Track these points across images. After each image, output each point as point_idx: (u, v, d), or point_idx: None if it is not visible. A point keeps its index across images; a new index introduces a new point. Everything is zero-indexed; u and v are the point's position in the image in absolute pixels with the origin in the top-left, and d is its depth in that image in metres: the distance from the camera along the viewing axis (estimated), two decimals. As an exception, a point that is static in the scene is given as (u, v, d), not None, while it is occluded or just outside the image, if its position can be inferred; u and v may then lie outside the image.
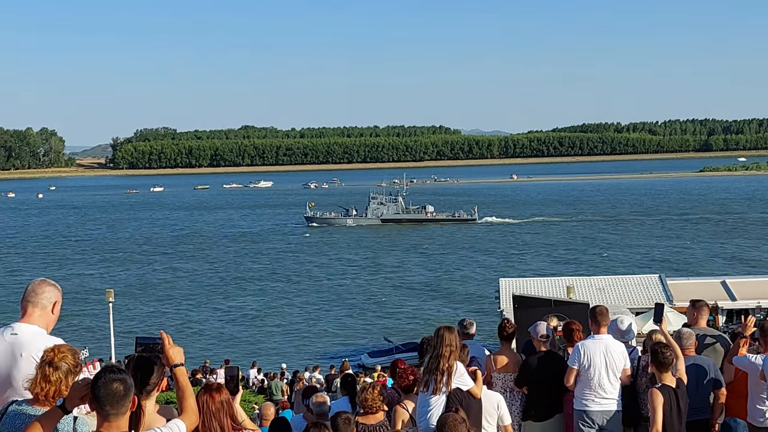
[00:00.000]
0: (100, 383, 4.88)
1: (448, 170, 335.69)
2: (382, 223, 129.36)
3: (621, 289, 44.94)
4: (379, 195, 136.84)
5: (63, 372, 5.25)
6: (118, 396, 4.87)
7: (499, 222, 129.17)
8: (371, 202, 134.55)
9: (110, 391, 4.86)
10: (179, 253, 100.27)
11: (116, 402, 4.88)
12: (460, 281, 76.07)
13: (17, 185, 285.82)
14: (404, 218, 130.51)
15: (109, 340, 41.23)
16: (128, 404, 4.94)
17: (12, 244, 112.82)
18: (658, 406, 8.92)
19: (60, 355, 5.31)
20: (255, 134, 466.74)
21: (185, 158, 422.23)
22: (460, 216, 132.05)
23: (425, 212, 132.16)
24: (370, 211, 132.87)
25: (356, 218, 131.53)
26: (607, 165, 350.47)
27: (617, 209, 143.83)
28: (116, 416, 4.90)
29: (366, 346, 52.39)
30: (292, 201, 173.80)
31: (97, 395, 4.88)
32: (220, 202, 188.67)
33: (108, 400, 4.86)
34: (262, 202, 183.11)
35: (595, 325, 10.17)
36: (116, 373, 4.95)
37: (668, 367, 9.14)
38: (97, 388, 4.88)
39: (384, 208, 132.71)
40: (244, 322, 61.68)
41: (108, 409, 4.88)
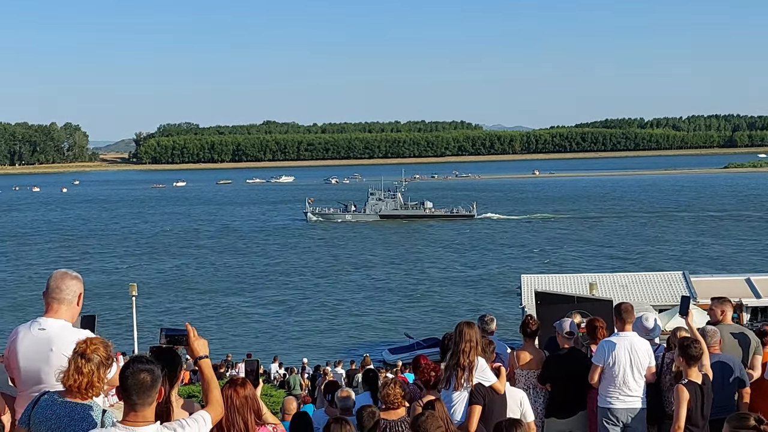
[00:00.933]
0: (128, 373, 4.94)
1: (469, 166, 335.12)
2: (381, 218, 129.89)
3: (644, 286, 44.65)
4: (378, 191, 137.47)
5: (95, 364, 5.28)
6: (146, 386, 4.92)
7: (497, 218, 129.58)
8: (370, 198, 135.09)
9: (138, 381, 4.91)
10: (201, 248, 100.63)
11: (143, 392, 4.92)
12: (480, 277, 75.91)
13: (42, 180, 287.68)
14: (402, 214, 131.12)
15: (132, 333, 41.46)
16: (155, 395, 4.99)
17: (37, 238, 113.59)
18: (683, 402, 8.83)
19: (92, 347, 5.34)
20: (277, 129, 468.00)
21: (207, 153, 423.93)
22: (458, 212, 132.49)
23: (424, 208, 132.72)
24: (369, 207, 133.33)
25: (355, 214, 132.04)
26: (630, 161, 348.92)
27: (639, 205, 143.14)
28: (143, 406, 4.95)
29: (386, 341, 52.38)
30: (313, 197, 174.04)
31: (125, 385, 4.94)
32: (242, 197, 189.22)
33: (135, 390, 4.91)
34: (283, 198, 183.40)
35: (620, 322, 10.10)
36: (144, 363, 5.00)
37: (697, 360, 9.04)
38: (125, 378, 4.94)
39: (382, 204, 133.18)
40: (266, 316, 61.82)
41: (135, 398, 4.93)
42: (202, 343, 5.81)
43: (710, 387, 9.16)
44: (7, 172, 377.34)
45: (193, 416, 5.34)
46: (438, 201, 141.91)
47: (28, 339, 6.01)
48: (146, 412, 4.97)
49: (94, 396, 5.40)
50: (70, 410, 5.34)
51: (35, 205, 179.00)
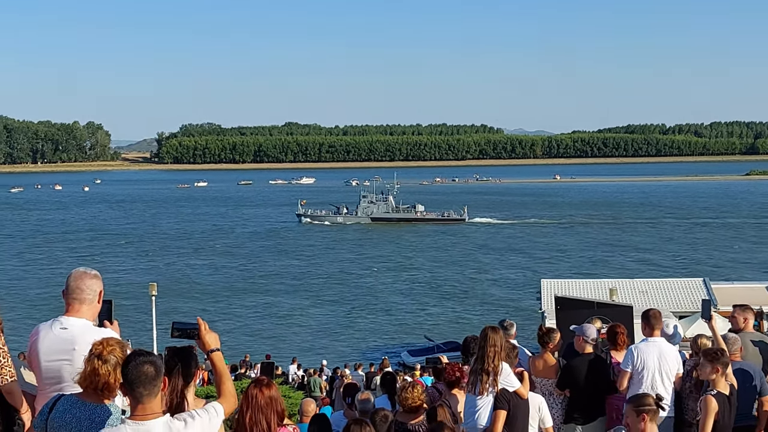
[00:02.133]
0: (132, 366, 4.96)
1: (490, 169, 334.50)
2: (372, 221, 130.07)
3: (665, 293, 44.37)
4: (370, 193, 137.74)
5: (112, 365, 5.29)
6: (150, 377, 4.94)
7: (488, 222, 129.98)
8: (362, 201, 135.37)
9: (141, 372, 4.93)
10: (222, 248, 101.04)
11: (148, 383, 4.94)
12: (497, 281, 75.84)
13: (64, 178, 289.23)
14: (394, 217, 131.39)
15: (151, 333, 41.56)
16: (159, 386, 5.01)
17: (59, 236, 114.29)
18: (711, 413, 8.63)
19: (109, 348, 5.35)
20: (298, 131, 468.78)
21: (229, 154, 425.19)
22: (449, 216, 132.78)
23: (415, 211, 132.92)
24: (361, 210, 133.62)
25: (346, 216, 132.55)
26: (651, 167, 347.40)
27: (660, 212, 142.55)
28: (149, 397, 4.97)
29: (406, 344, 52.35)
30: (334, 198, 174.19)
31: (128, 378, 4.97)
32: (262, 198, 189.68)
33: (140, 382, 4.94)
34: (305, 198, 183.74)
35: (648, 328, 10.05)
36: (146, 355, 5.03)
37: (728, 365, 8.93)
38: (129, 371, 4.96)
39: (374, 206, 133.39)
40: (285, 317, 61.93)
41: (141, 390, 4.95)
42: (213, 336, 5.82)
43: (736, 398, 9.07)
44: (29, 170, 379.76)
45: (205, 407, 5.35)
46: (430, 204, 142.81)
47: (49, 338, 6.03)
48: (153, 404, 4.99)
49: (111, 397, 5.42)
50: (90, 412, 5.34)
51: (57, 204, 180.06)
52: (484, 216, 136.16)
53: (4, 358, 6.16)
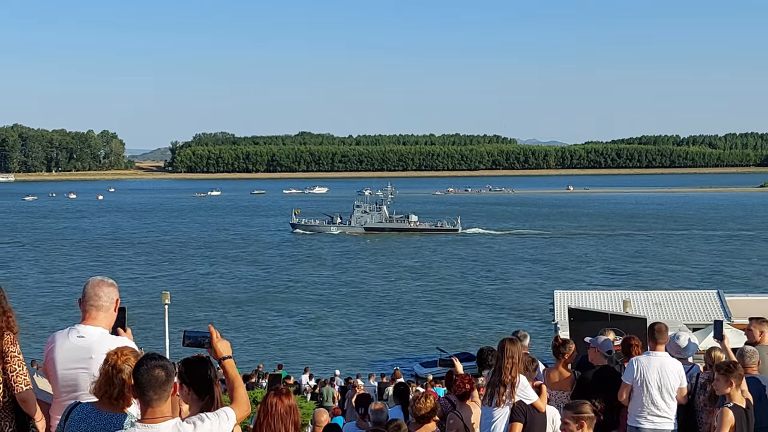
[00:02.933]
0: (143, 370, 4.97)
1: (503, 180, 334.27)
2: (366, 231, 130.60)
3: (678, 305, 44.27)
4: (364, 203, 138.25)
5: (126, 374, 5.30)
6: (160, 381, 4.95)
7: (481, 233, 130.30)
8: (355, 211, 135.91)
9: (152, 376, 4.94)
10: (235, 257, 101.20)
11: (158, 387, 4.95)
12: (508, 292, 75.68)
13: (78, 187, 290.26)
14: (387, 227, 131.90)
15: (164, 342, 41.61)
16: (170, 390, 5.02)
17: (72, 244, 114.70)
18: (727, 425, 8.65)
19: (123, 357, 5.37)
20: (311, 140, 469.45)
21: (242, 163, 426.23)
22: (442, 226, 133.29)
23: (408, 221, 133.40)
24: (354, 219, 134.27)
25: (340, 226, 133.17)
26: (665, 178, 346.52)
27: (674, 223, 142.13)
28: (159, 401, 4.97)
29: (417, 354, 52.28)
30: (347, 209, 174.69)
31: (139, 382, 4.97)
32: (275, 207, 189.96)
33: (151, 386, 4.95)
34: (317, 208, 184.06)
35: (652, 341, 10.03)
36: (157, 359, 5.04)
37: (742, 378, 8.91)
38: (140, 375, 4.97)
39: (368, 216, 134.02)
40: (297, 327, 61.97)
41: (150, 394, 4.95)
42: (225, 344, 5.83)
43: (753, 411, 9.04)
44: (43, 178, 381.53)
45: (216, 411, 5.36)
46: (423, 214, 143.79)
47: (66, 346, 6.04)
48: (163, 408, 5.00)
49: (126, 406, 5.43)
50: (105, 422, 5.35)
51: (71, 212, 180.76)
52: (477, 227, 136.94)
53: (20, 366, 6.19)
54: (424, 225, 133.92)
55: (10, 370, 6.15)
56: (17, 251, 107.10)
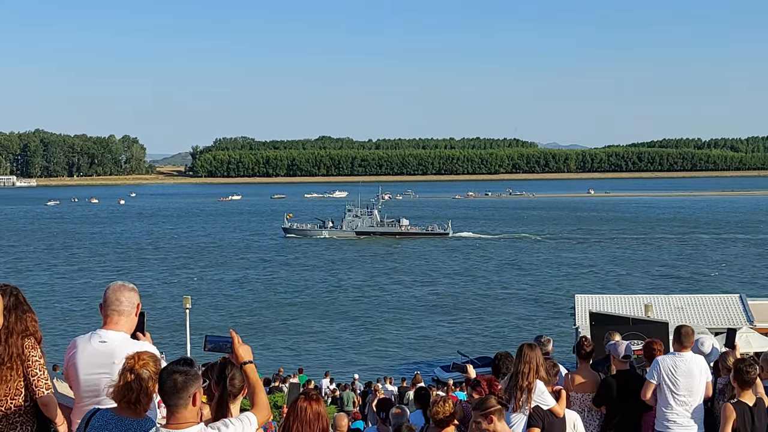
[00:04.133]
0: (164, 375, 5.04)
1: (523, 184, 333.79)
2: (357, 235, 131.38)
3: (700, 309, 43.95)
4: (355, 208, 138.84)
5: (144, 379, 5.32)
6: (177, 387, 4.98)
7: (472, 236, 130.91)
8: (347, 215, 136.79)
9: (171, 381, 4.98)
10: (254, 261, 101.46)
11: (175, 393, 4.98)
12: (528, 295, 75.45)
13: (99, 192, 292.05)
14: (378, 231, 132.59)
15: (185, 347, 41.71)
16: (188, 397, 5.03)
17: (94, 249, 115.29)
18: (728, 421, 8.71)
19: (141, 362, 5.38)
20: (331, 145, 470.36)
21: (262, 168, 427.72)
22: (433, 230, 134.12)
23: (399, 225, 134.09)
24: (346, 224, 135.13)
25: (331, 230, 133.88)
26: (687, 181, 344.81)
27: (695, 227, 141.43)
28: (177, 407, 5.01)
29: (438, 359, 52.15)
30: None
31: (161, 388, 5.04)
32: (295, 211, 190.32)
33: (168, 391, 5.00)
34: (337, 213, 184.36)
35: (678, 344, 9.98)
36: (180, 365, 5.07)
37: (750, 385, 8.91)
38: (162, 381, 5.03)
39: (359, 220, 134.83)
40: (316, 331, 61.92)
41: (167, 399, 5.01)
42: (246, 349, 5.86)
43: (764, 410, 8.98)
44: (65, 183, 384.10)
45: (239, 416, 5.39)
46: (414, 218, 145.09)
47: (88, 351, 6.07)
48: (185, 414, 5.02)
49: (144, 411, 5.44)
50: (127, 428, 5.38)
51: (93, 217, 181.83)
52: (468, 230, 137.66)
53: (41, 370, 6.22)
54: (415, 229, 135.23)
55: (31, 374, 6.18)
56: (39, 256, 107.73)
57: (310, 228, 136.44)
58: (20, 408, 6.12)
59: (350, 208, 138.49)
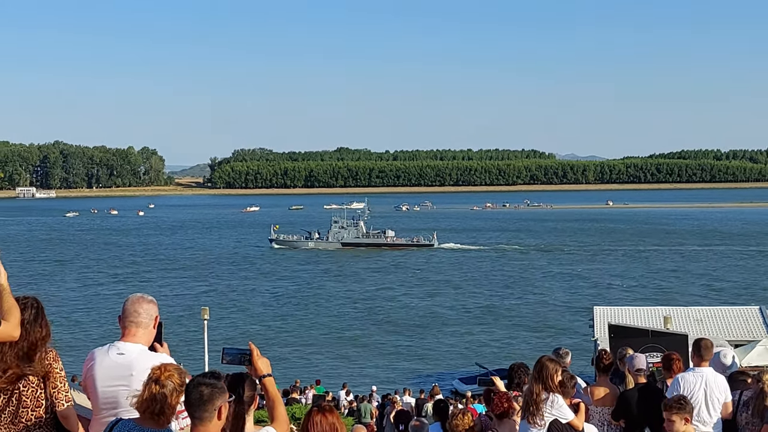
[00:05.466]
0: (190, 387, 5.04)
1: (541, 195, 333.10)
2: (343, 246, 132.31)
3: (720, 321, 43.64)
4: (341, 219, 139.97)
5: (168, 391, 5.33)
6: (202, 400, 4.97)
7: (457, 248, 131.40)
8: (333, 226, 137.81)
9: (197, 393, 4.97)
10: (270, 273, 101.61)
11: (200, 406, 4.98)
12: (546, 307, 75.17)
13: (118, 203, 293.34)
14: (364, 242, 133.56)
15: (203, 358, 41.68)
16: (213, 410, 5.02)
17: (116, 260, 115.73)
18: None
19: (166, 373, 5.39)
20: (349, 156, 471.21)
21: (280, 179, 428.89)
22: (418, 241, 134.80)
23: (385, 237, 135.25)
24: (332, 235, 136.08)
25: (317, 241, 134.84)
26: (706, 193, 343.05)
27: (713, 238, 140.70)
28: (201, 421, 5.00)
29: (456, 371, 51.99)
30: (384, 224, 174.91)
31: (187, 400, 5.04)
32: (311, 223, 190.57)
33: (193, 403, 4.99)
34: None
35: (697, 357, 9.91)
36: (206, 378, 5.08)
37: None
38: (188, 393, 5.04)
39: (345, 231, 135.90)
40: (335, 342, 61.88)
41: (192, 412, 5.01)
42: (265, 362, 5.86)
43: None
44: (84, 194, 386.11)
45: (260, 430, 5.35)
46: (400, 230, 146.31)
47: (106, 363, 6.08)
48: (209, 427, 5.01)
49: (167, 423, 5.45)
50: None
51: (113, 228, 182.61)
52: (453, 241, 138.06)
53: (62, 382, 6.23)
54: (401, 240, 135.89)
55: (51, 386, 6.20)
56: (58, 267, 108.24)
57: (296, 239, 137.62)
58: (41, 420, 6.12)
59: (336, 219, 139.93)
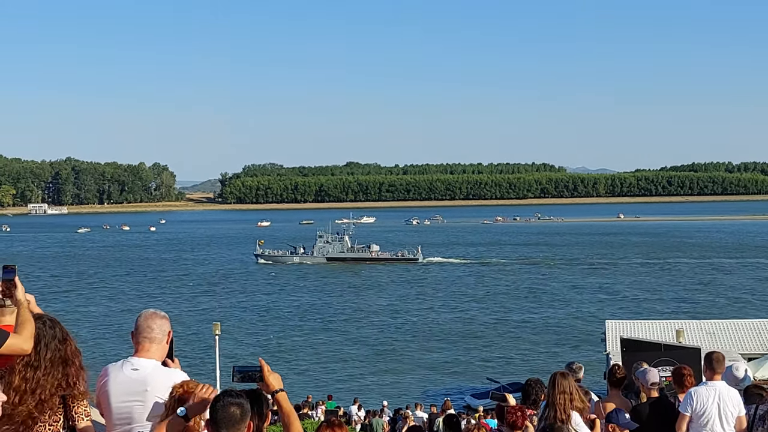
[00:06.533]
0: (219, 406, 4.99)
1: (552, 208, 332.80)
2: (328, 261, 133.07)
3: (733, 334, 43.51)
4: (326, 234, 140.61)
5: None
6: (235, 420, 4.96)
7: (441, 261, 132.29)
8: (318, 241, 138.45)
9: (227, 414, 4.96)
10: (281, 288, 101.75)
11: (232, 426, 4.96)
12: (559, 320, 74.97)
13: (129, 219, 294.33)
14: (349, 257, 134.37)
15: (215, 373, 41.70)
16: (243, 429, 5.01)
17: (127, 276, 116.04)
18: None
19: (189, 391, 5.42)
20: (359, 170, 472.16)
21: (291, 194, 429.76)
22: (403, 255, 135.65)
23: (370, 251, 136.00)
24: (317, 250, 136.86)
25: (302, 256, 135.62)
26: (717, 205, 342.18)
27: (726, 251, 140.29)
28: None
29: (468, 385, 51.90)
30: (393, 239, 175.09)
31: (214, 418, 4.99)
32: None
33: (225, 423, 4.96)
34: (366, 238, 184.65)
35: (710, 371, 9.88)
36: (235, 397, 5.05)
37: None
38: (216, 411, 4.99)
39: (330, 246, 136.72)
40: (346, 357, 61.85)
41: (219, 430, 4.96)
42: (276, 377, 5.85)
43: None
44: (96, 210, 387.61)
45: None
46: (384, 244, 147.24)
47: (120, 379, 6.11)
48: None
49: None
50: None
51: (125, 244, 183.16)
52: (437, 255, 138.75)
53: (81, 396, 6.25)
54: (385, 254, 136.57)
55: (71, 401, 6.22)
56: (71, 283, 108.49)
57: (281, 254, 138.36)
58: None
59: (321, 234, 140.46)
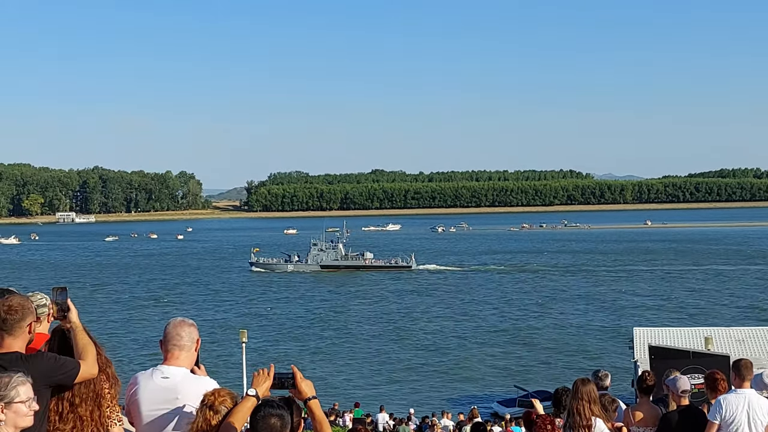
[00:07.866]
0: (259, 417, 5.05)
1: (579, 215, 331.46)
2: (322, 269, 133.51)
3: (762, 341, 43.08)
4: (320, 242, 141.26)
5: (222, 416, 5.39)
6: (275, 430, 4.98)
7: (436, 269, 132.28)
8: (312, 249, 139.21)
9: (268, 425, 5.01)
10: (308, 296, 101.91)
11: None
12: (582, 329, 74.52)
13: (157, 227, 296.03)
14: (343, 265, 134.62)
15: (242, 380, 41.84)
16: None
17: (156, 284, 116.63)
18: None
19: (220, 398, 5.47)
20: (384, 178, 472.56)
21: (316, 201, 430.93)
22: (397, 263, 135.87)
23: (363, 259, 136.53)
24: (311, 258, 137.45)
25: (297, 264, 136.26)
26: (746, 212, 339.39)
27: (754, 258, 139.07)
28: None
29: (495, 393, 51.74)
30: (419, 246, 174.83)
31: (255, 428, 5.02)
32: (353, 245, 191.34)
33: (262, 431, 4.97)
34: (390, 245, 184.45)
35: (738, 378, 9.79)
36: (275, 408, 5.11)
37: None
38: (256, 422, 5.04)
39: (324, 254, 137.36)
40: (373, 365, 61.80)
41: None
42: (309, 384, 5.86)
43: None
44: (123, 219, 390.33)
45: None
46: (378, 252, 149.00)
47: (150, 387, 6.14)
48: None
49: None
50: None
51: (154, 252, 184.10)
52: (430, 263, 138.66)
53: (112, 401, 6.30)
54: (379, 262, 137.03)
55: (105, 406, 6.27)
56: (98, 291, 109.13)
57: (276, 262, 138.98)
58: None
59: (315, 242, 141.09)
